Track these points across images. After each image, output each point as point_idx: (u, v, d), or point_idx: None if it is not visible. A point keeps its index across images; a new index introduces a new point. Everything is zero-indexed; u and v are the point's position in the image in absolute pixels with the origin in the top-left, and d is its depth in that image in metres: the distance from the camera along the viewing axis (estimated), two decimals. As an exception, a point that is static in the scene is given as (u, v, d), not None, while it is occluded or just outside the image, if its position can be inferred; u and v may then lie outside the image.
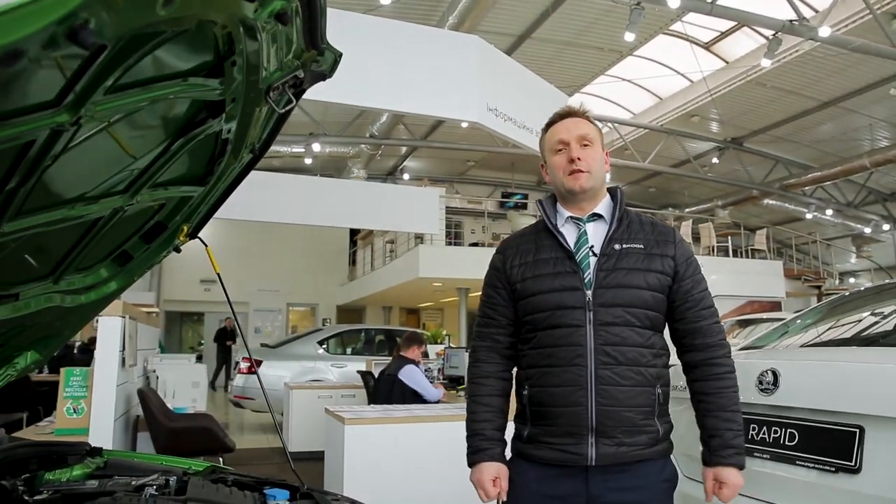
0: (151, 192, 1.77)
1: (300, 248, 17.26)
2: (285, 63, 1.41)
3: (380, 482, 3.58)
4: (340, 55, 1.50)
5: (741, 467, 1.62)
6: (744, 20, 8.55)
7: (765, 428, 2.03)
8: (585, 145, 1.72)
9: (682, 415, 1.99)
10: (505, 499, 1.74)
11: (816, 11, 9.50)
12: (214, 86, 1.34)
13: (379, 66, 4.22)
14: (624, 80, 13.02)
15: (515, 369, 1.83)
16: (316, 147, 12.31)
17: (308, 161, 12.89)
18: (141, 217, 1.97)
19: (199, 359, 8.37)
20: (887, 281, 2.87)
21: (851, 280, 21.08)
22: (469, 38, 4.83)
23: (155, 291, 15.77)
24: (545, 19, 10.12)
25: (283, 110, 1.54)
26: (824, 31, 8.34)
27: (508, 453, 1.78)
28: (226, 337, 15.11)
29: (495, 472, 1.70)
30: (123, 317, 4.07)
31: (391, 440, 3.72)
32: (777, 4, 8.59)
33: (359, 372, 6.55)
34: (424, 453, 3.76)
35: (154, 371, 5.38)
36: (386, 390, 5.23)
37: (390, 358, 7.23)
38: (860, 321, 2.45)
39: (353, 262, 19.15)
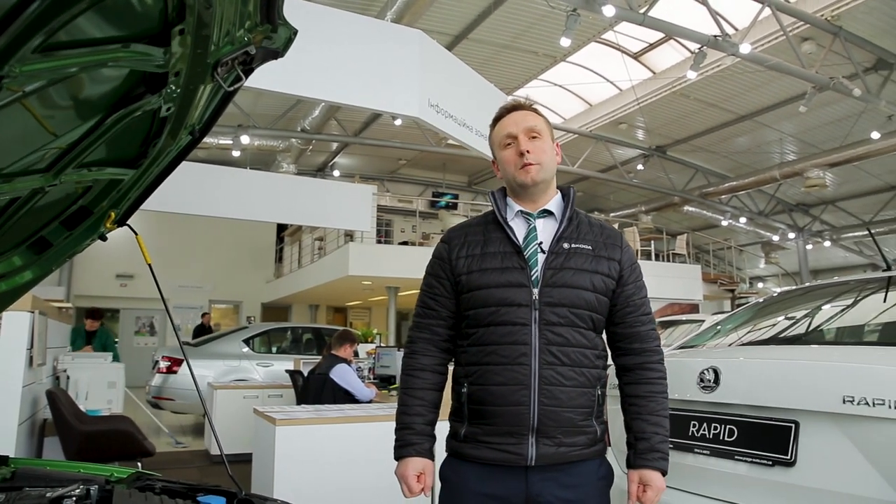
0: (77, 173, 1.62)
1: (224, 243, 16.66)
2: (237, 37, 1.31)
3: (312, 484, 3.46)
4: (295, 33, 1.41)
5: (665, 472, 1.64)
6: (672, 33, 8.88)
7: (705, 424, 2.08)
8: (534, 137, 1.70)
9: (619, 413, 2.01)
10: (428, 495, 1.70)
11: (737, 29, 10.01)
12: (158, 56, 1.22)
13: (319, 55, 4.08)
14: (556, 85, 13.29)
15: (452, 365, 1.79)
16: (245, 139, 11.88)
17: (236, 154, 12.43)
18: (63, 200, 1.80)
19: (116, 358, 7.89)
20: (812, 283, 3.03)
21: (760, 285, 22.40)
22: (412, 32, 4.75)
23: (65, 286, 14.79)
24: (483, 20, 10.19)
25: (232, 88, 1.43)
26: (745, 48, 8.79)
27: (438, 450, 1.74)
28: (204, 333, 13.91)
29: (421, 468, 1.66)
30: (32, 311, 3.76)
31: (324, 441, 3.62)
32: (702, 20, 8.99)
33: (287, 371, 6.35)
34: (358, 454, 3.68)
35: (65, 371, 5.02)
36: (316, 390, 5.09)
37: (319, 357, 7.07)
38: (789, 321, 2.55)
39: (279, 259, 18.68)
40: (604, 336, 1.74)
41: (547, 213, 1.72)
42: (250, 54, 1.37)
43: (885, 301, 2.36)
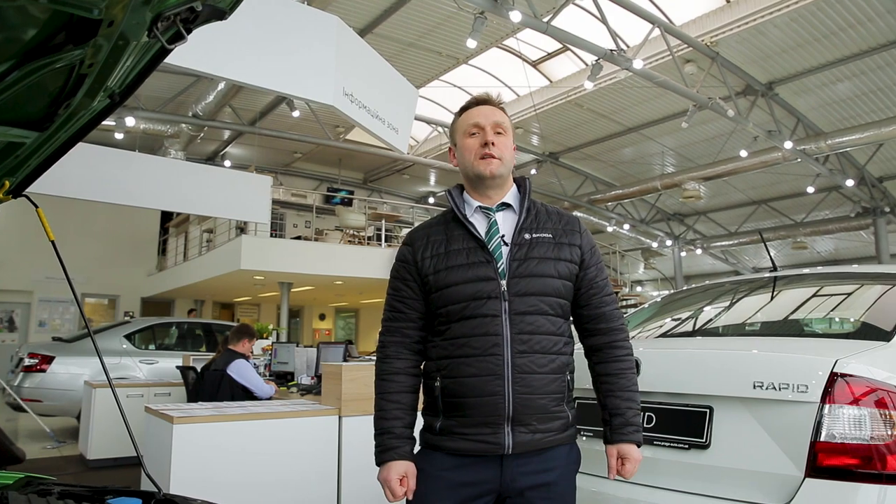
0: (-30, 131, 1.41)
1: (101, 231, 15.39)
2: (185, -12, 1.19)
3: (212, 484, 3.26)
4: (245, -8, 1.31)
5: (640, 444, 1.71)
6: (573, 43, 9.24)
7: (625, 412, 2.16)
8: (499, 133, 1.74)
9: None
10: (411, 498, 1.69)
11: (628, 46, 10.61)
12: (96, -1, 1.08)
13: (231, 33, 3.83)
14: (456, 86, 13.46)
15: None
16: (130, 121, 11.03)
17: (119, 136, 11.52)
18: (-52, 163, 1.57)
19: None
20: (710, 282, 3.28)
21: (639, 288, 23.90)
22: (329, 18, 4.59)
23: None
24: (389, 16, 10.13)
25: (172, 46, 1.31)
26: (638, 64, 9.33)
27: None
28: None
29: (403, 471, 1.65)
30: None
31: (226, 439, 3.43)
32: (598, 34, 9.44)
33: (178, 367, 5.96)
34: (262, 451, 3.52)
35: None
36: (212, 387, 4.82)
37: (208, 354, 6.70)
38: (695, 316, 2.73)
39: (163, 251, 17.54)
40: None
41: (505, 205, 1.76)
42: (195, 10, 1.26)
43: (776, 297, 2.57)
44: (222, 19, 1.34)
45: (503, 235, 1.70)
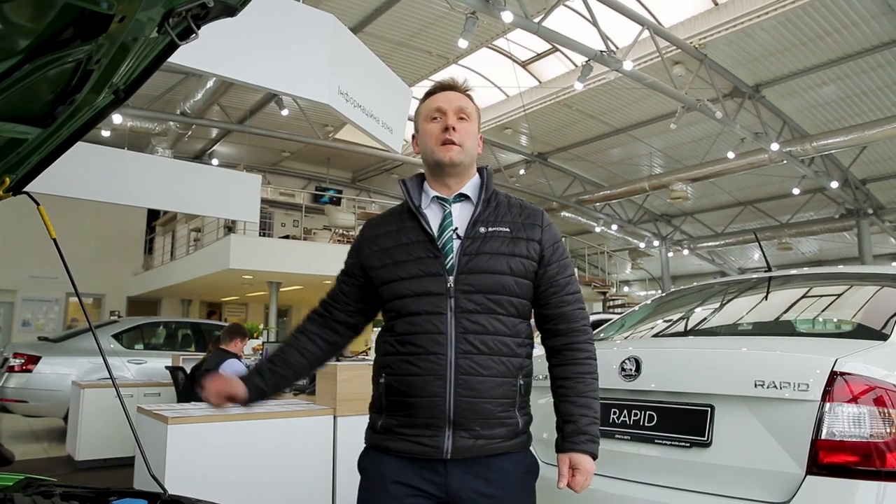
0: (-28, 127, 1.39)
1: (87, 230, 15.20)
2: (198, -16, 1.18)
3: (207, 485, 3.24)
4: (256, -12, 1.30)
5: (594, 455, 1.58)
6: (563, 44, 9.28)
7: (625, 411, 2.17)
8: (462, 118, 1.64)
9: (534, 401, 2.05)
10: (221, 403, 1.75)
11: (617, 48, 10.67)
12: (111, -8, 1.06)
13: (227, 31, 3.78)
14: (446, 86, 13.45)
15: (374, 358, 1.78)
16: (117, 119, 10.92)
17: (105, 133, 11.39)
18: (-52, 159, 1.54)
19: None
20: (705, 282, 3.31)
21: (626, 289, 24.04)
22: (324, 16, 4.57)
23: None
24: (379, 15, 10.10)
25: (182, 42, 1.29)
26: (628, 65, 9.38)
27: (362, 444, 1.70)
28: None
29: (225, 378, 1.73)
30: None
31: (220, 439, 3.41)
32: (587, 35, 9.48)
33: (168, 367, 5.91)
34: (257, 450, 3.50)
35: None
36: (204, 387, 4.78)
37: (196, 353, 6.65)
38: (693, 316, 2.74)
39: (149, 250, 17.39)
40: (532, 322, 1.69)
41: (463, 196, 1.66)
42: (207, 7, 1.25)
43: (774, 297, 2.60)
44: (232, 16, 1.33)
45: (456, 229, 1.60)
